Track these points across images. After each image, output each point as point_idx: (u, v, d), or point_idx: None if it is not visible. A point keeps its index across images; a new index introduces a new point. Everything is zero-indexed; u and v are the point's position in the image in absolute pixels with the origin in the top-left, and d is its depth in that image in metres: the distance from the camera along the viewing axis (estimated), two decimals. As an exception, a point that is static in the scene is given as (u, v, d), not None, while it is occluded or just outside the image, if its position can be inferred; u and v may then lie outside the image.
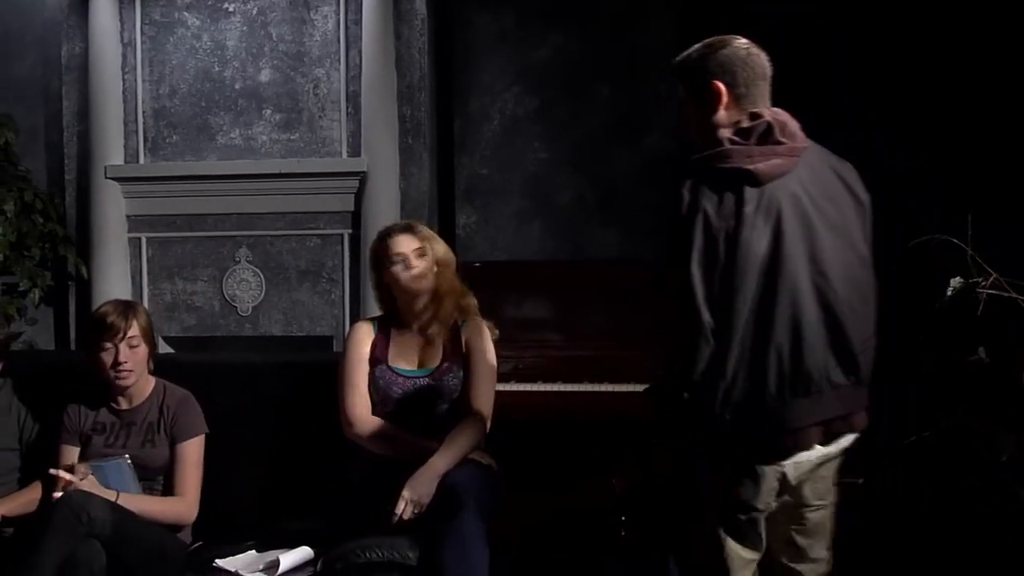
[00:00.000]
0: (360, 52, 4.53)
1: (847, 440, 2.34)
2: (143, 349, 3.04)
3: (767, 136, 2.17)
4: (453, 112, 4.80)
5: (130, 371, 3.01)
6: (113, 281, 4.64)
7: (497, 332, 3.10)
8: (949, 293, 2.77)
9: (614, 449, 3.67)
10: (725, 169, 2.13)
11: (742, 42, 2.29)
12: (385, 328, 3.09)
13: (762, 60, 2.27)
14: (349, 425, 2.98)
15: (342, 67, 4.57)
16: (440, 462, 2.82)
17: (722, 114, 2.23)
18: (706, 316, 2.07)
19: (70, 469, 2.90)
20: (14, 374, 3.28)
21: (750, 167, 2.12)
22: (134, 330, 3.01)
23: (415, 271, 3.00)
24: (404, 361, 3.03)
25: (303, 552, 2.85)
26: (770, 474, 2.20)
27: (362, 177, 4.50)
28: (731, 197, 2.10)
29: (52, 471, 2.87)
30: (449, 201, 4.80)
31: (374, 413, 2.99)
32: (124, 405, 3.08)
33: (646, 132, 4.67)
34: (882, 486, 3.57)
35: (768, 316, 2.11)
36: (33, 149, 4.87)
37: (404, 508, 2.75)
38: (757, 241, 2.09)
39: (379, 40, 4.49)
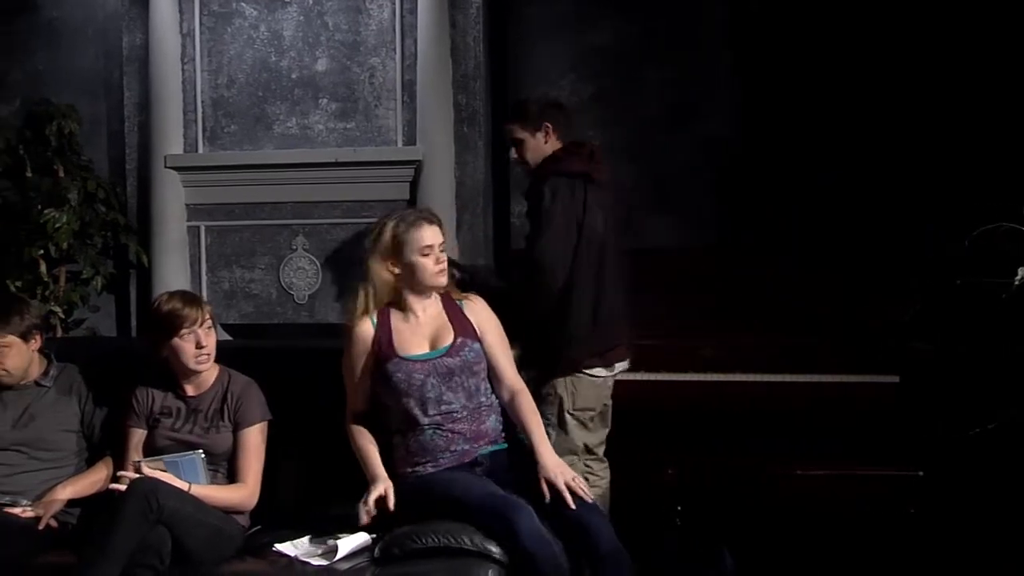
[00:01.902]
0: (415, 41, 4.56)
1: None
2: (215, 335, 3.14)
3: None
4: (508, 100, 4.80)
5: (209, 355, 3.11)
6: (172, 269, 4.73)
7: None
8: (1016, 283, 2.73)
9: (669, 438, 3.67)
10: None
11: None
12: (384, 320, 3.04)
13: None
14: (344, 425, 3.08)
15: (398, 56, 4.60)
16: (545, 448, 2.89)
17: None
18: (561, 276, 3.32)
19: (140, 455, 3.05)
20: (75, 359, 3.38)
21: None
22: (207, 315, 3.12)
23: (443, 265, 3.02)
24: (415, 347, 3.00)
25: (361, 538, 2.89)
26: (606, 380, 3.45)
27: (417, 166, 4.53)
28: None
29: (121, 474, 2.95)
30: (504, 189, 4.81)
31: (406, 408, 2.97)
32: (191, 392, 3.15)
33: (702, 117, 4.65)
34: (942, 479, 3.53)
35: (600, 275, 3.39)
36: (95, 139, 4.98)
37: (570, 487, 2.79)
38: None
39: (434, 29, 4.52)
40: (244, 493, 3.07)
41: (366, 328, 3.04)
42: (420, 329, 3.03)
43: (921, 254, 3.86)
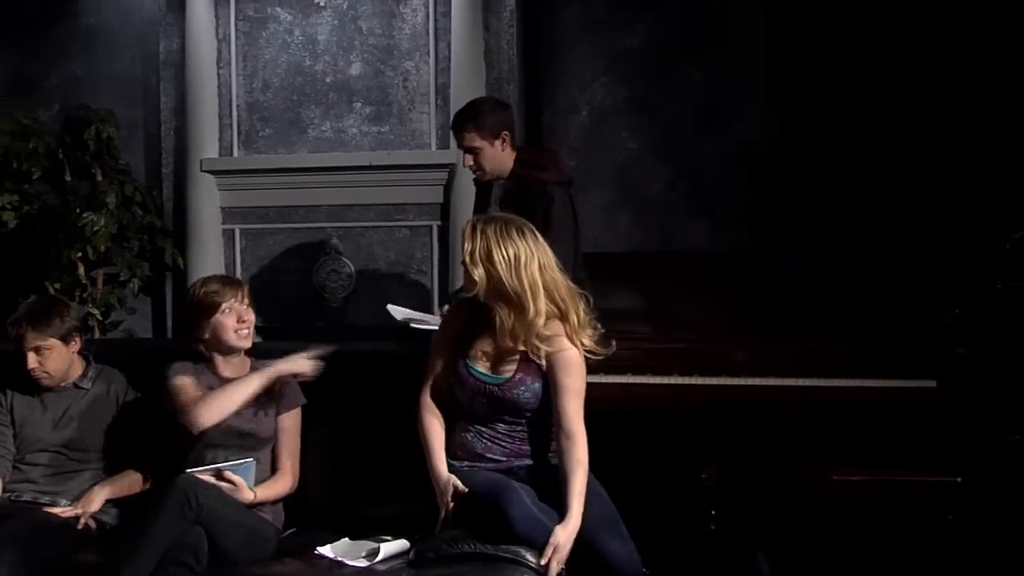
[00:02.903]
0: (449, 45, 4.57)
1: None
2: (253, 315, 3.18)
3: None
4: (542, 103, 4.81)
5: (249, 331, 3.16)
6: (207, 272, 4.69)
7: (609, 351, 3.00)
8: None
9: (704, 442, 3.65)
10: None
11: None
12: (481, 316, 2.97)
13: None
14: (416, 406, 3.03)
15: (431, 60, 4.62)
16: (574, 507, 2.78)
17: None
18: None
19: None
20: (112, 361, 3.42)
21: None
22: (247, 294, 3.17)
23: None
24: (481, 361, 2.96)
25: (401, 544, 2.91)
26: None
27: (451, 169, 4.54)
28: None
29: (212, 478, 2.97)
30: (537, 192, 4.81)
31: (455, 400, 2.99)
32: (229, 375, 3.17)
33: (737, 119, 4.62)
34: (981, 485, 3.49)
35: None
36: (133, 143, 5.03)
37: (551, 561, 2.73)
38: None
39: (468, 32, 4.53)
40: (288, 480, 3.14)
41: (464, 313, 3.03)
42: (490, 346, 2.96)
43: (955, 255, 3.85)
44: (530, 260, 2.87)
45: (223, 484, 2.93)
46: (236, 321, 3.13)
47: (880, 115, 4.40)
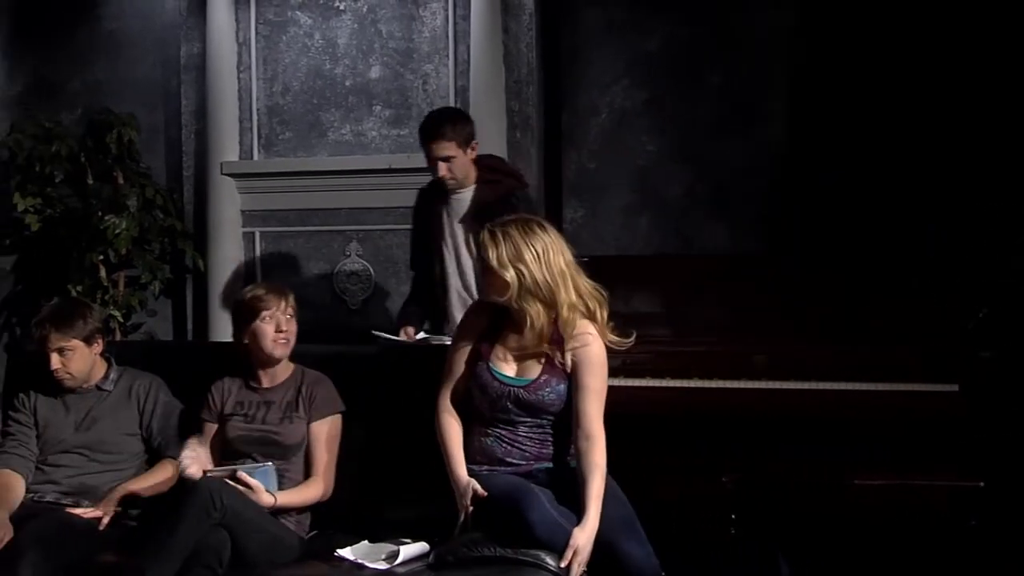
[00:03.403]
0: (468, 48, 4.58)
1: None
2: (295, 325, 3.21)
3: None
4: (561, 106, 4.81)
5: (288, 341, 3.17)
6: (228, 274, 4.80)
7: (630, 341, 3.00)
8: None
9: (723, 446, 3.64)
10: None
11: None
12: (500, 319, 2.99)
13: None
14: (434, 410, 3.03)
15: (451, 63, 4.63)
16: (592, 510, 2.78)
17: None
18: None
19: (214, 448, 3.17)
20: (133, 362, 3.44)
21: None
22: (291, 303, 3.20)
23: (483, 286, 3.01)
24: (505, 363, 2.96)
25: (421, 546, 2.92)
26: None
27: (470, 172, 4.55)
28: None
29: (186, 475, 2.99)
30: (557, 195, 4.81)
31: (474, 404, 2.99)
32: (266, 383, 3.22)
33: (757, 122, 4.61)
34: (1005, 490, 3.46)
35: None
36: (154, 147, 5.06)
37: (572, 564, 2.73)
38: None
39: (487, 35, 4.54)
40: (319, 488, 3.13)
41: (484, 315, 3.03)
42: (517, 347, 2.96)
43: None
44: (557, 253, 2.89)
45: (239, 487, 2.94)
46: (275, 330, 3.15)
47: (884, 116, 4.39)
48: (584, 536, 2.74)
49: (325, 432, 3.17)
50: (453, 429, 3.01)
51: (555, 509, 2.79)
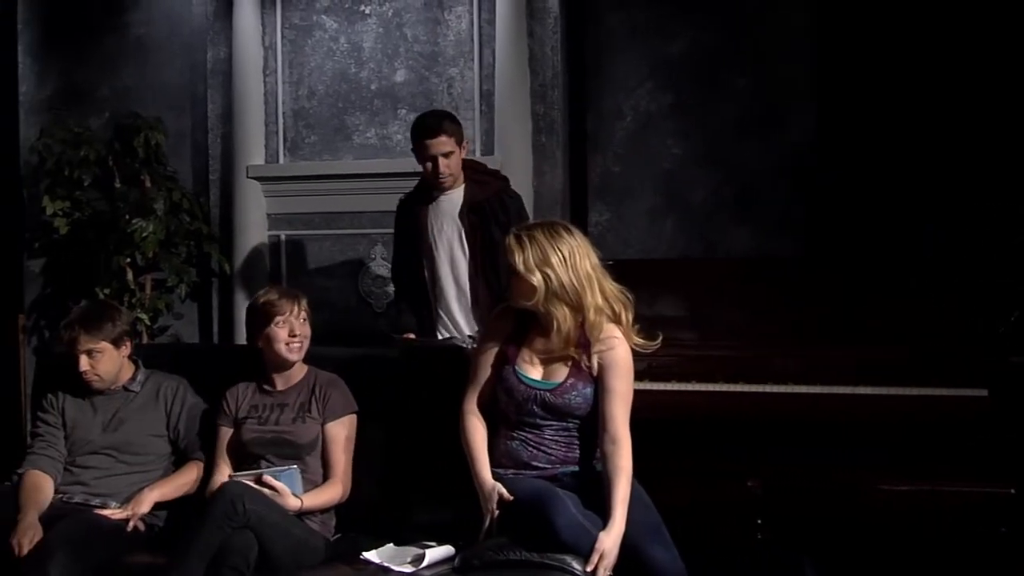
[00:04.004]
0: (493, 51, 4.59)
1: None
2: (309, 329, 3.23)
3: None
4: (586, 109, 4.81)
5: (300, 345, 3.19)
6: (254, 277, 4.82)
7: (656, 344, 2.99)
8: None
9: (749, 450, 3.63)
10: None
11: None
12: (526, 322, 2.99)
13: None
14: (459, 413, 3.03)
15: (476, 66, 4.64)
16: (618, 513, 2.78)
17: None
18: None
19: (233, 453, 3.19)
20: (160, 365, 3.46)
21: None
22: (304, 307, 3.22)
23: (508, 292, 2.98)
24: (531, 367, 2.95)
25: (446, 549, 2.92)
26: None
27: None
28: None
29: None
30: (582, 199, 4.81)
31: (500, 408, 2.99)
32: (280, 385, 3.24)
33: (782, 125, 4.59)
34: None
35: None
36: (180, 151, 5.10)
37: (598, 568, 2.73)
38: None
39: (512, 39, 4.54)
40: (337, 489, 3.14)
41: (508, 320, 3.03)
42: (544, 350, 2.96)
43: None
44: (583, 256, 2.89)
45: (265, 490, 2.96)
46: (288, 334, 3.18)
47: (905, 115, 4.39)
48: (610, 540, 2.74)
49: (340, 433, 3.18)
50: (478, 432, 3.01)
51: (581, 513, 2.78)
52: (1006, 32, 4.27)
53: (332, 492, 3.14)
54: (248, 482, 2.96)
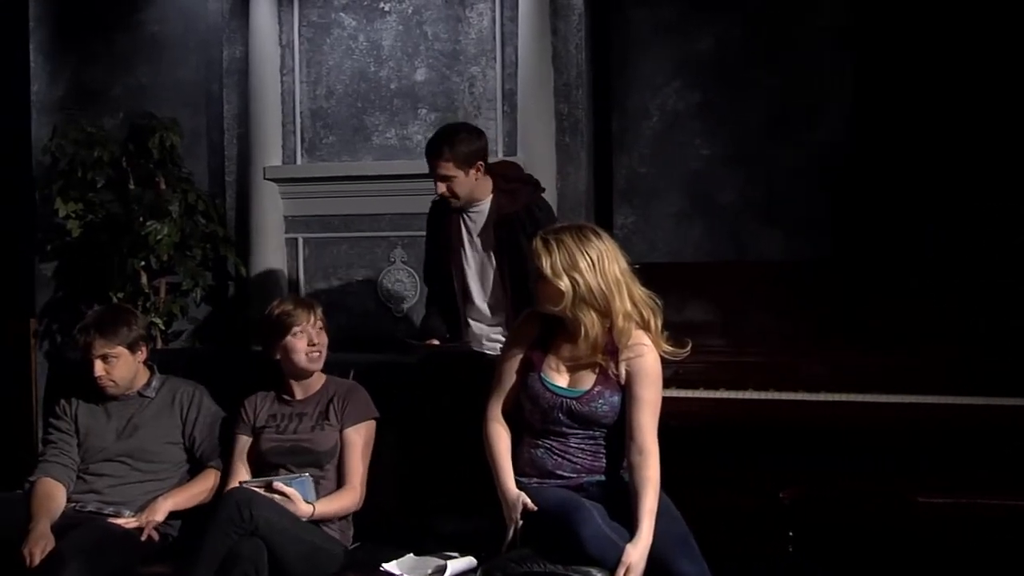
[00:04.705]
0: (516, 49, 4.57)
1: None
2: (327, 336, 3.26)
3: None
4: (611, 109, 4.79)
5: (320, 353, 3.22)
6: (270, 281, 4.82)
7: (685, 351, 2.98)
8: None
9: (780, 461, 3.60)
10: None
11: None
12: (552, 328, 2.99)
13: None
14: (482, 420, 3.03)
15: (498, 65, 4.63)
16: (645, 526, 2.77)
17: None
18: None
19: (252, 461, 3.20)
20: (175, 370, 3.48)
21: None
22: (319, 315, 3.25)
23: (536, 297, 2.97)
24: (557, 374, 2.95)
25: (468, 561, 2.92)
26: None
27: (518, 177, 4.54)
28: None
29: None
30: (607, 201, 4.79)
31: (525, 416, 2.99)
32: (299, 395, 3.27)
33: (814, 125, 4.56)
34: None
35: None
36: (196, 151, 5.10)
37: None
38: None
39: (535, 37, 4.53)
40: (352, 496, 3.15)
41: (532, 326, 3.03)
42: (570, 356, 2.95)
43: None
44: (612, 261, 2.89)
45: (276, 496, 2.96)
46: (307, 344, 3.20)
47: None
48: (637, 553, 2.72)
49: (357, 439, 3.20)
50: (502, 441, 3.00)
51: (607, 524, 2.77)
52: (1007, 32, 4.26)
53: (346, 499, 3.15)
54: (257, 489, 2.97)
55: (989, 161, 4.31)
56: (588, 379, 2.92)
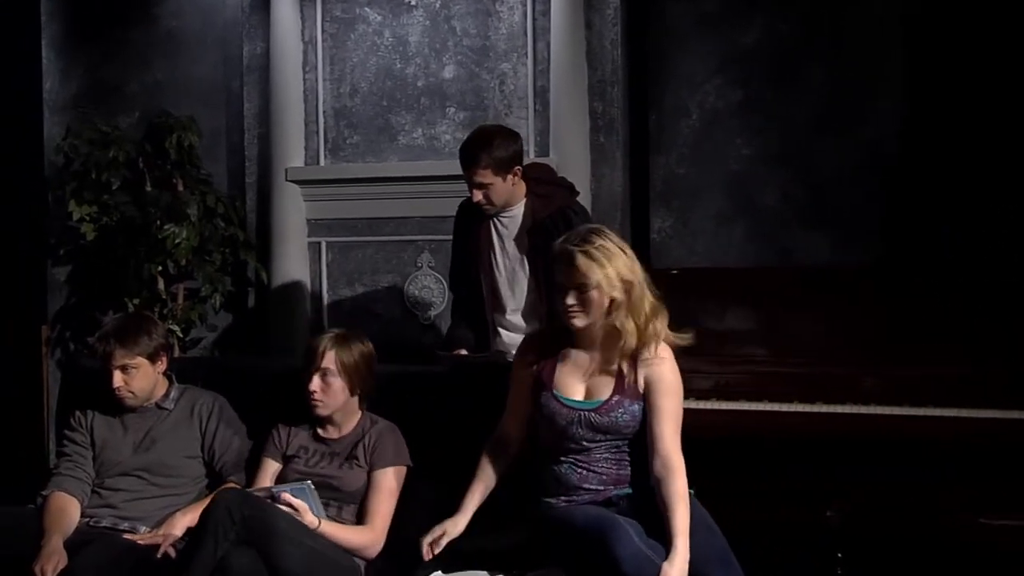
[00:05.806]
0: (548, 45, 4.57)
1: None
2: (339, 383, 3.17)
3: None
4: (648, 107, 4.78)
5: (319, 401, 3.17)
6: (292, 287, 4.83)
7: (690, 336, 2.96)
8: None
9: (830, 478, 3.57)
10: None
11: None
12: (556, 345, 3.00)
13: None
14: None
15: (529, 61, 4.62)
16: (680, 543, 2.74)
17: None
18: None
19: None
20: (193, 380, 3.48)
21: None
22: (328, 362, 3.16)
23: (572, 311, 2.93)
24: (571, 388, 2.95)
25: None
26: None
27: (550, 178, 4.53)
28: None
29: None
30: (643, 203, 4.78)
31: (547, 439, 2.97)
32: (332, 434, 3.23)
33: (861, 122, 4.54)
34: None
35: None
36: (215, 152, 5.12)
37: None
38: None
39: (569, 32, 4.52)
40: (370, 536, 3.10)
41: (532, 350, 3.05)
42: (583, 369, 2.96)
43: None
44: (635, 261, 2.92)
45: (283, 507, 2.94)
46: (308, 387, 3.17)
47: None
48: (675, 571, 2.70)
49: (384, 483, 3.14)
50: (487, 468, 3.07)
51: (644, 542, 2.75)
52: (1007, 28, 4.28)
53: (362, 536, 3.09)
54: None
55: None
56: (606, 388, 2.92)
